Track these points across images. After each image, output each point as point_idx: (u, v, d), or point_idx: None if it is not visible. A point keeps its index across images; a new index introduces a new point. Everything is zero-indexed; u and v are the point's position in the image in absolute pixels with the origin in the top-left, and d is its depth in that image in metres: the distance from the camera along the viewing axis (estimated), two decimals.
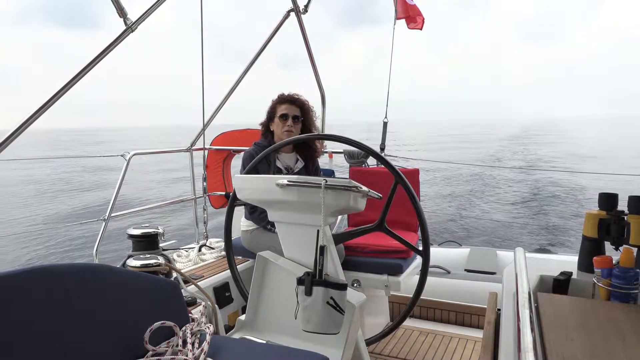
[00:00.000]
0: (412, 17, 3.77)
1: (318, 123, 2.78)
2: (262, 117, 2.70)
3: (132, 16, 2.09)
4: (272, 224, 2.46)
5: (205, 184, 3.29)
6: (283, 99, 2.62)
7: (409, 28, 3.83)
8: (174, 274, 1.91)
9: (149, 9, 2.17)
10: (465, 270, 3.10)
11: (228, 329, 2.00)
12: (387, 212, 1.90)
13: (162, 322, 1.31)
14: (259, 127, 2.73)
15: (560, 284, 1.53)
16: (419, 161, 3.79)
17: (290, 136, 2.54)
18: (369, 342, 2.09)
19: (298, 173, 2.63)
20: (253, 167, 2.12)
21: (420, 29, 3.86)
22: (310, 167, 2.71)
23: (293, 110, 2.59)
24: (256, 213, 2.53)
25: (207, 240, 2.96)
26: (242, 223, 2.64)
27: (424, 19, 3.80)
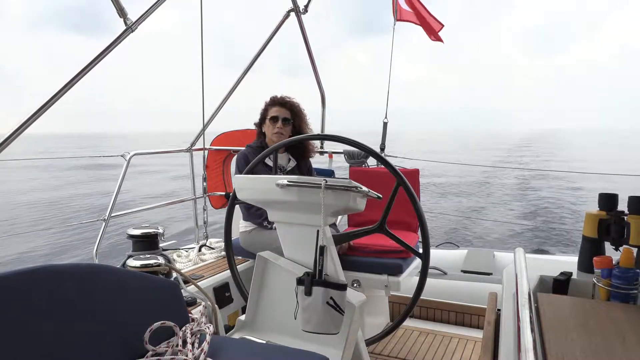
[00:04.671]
0: (432, 29, 3.69)
1: (318, 123, 2.79)
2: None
3: (132, 16, 2.09)
4: (270, 223, 2.46)
5: (205, 184, 3.29)
6: (274, 102, 2.66)
7: (432, 40, 3.76)
8: (174, 274, 1.91)
9: (149, 9, 2.17)
10: (462, 271, 3.10)
11: (228, 329, 2.00)
12: (387, 214, 1.90)
13: (162, 322, 1.30)
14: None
15: (560, 284, 1.53)
16: (419, 161, 3.79)
17: (280, 138, 2.58)
18: (369, 342, 2.09)
19: (291, 172, 2.66)
20: (252, 167, 2.12)
21: (442, 42, 3.78)
22: (303, 166, 2.74)
23: (283, 113, 2.63)
24: (252, 210, 2.53)
25: (207, 240, 2.96)
26: (240, 224, 2.64)
27: (443, 26, 3.71)
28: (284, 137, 2.60)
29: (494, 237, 9.97)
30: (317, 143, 2.92)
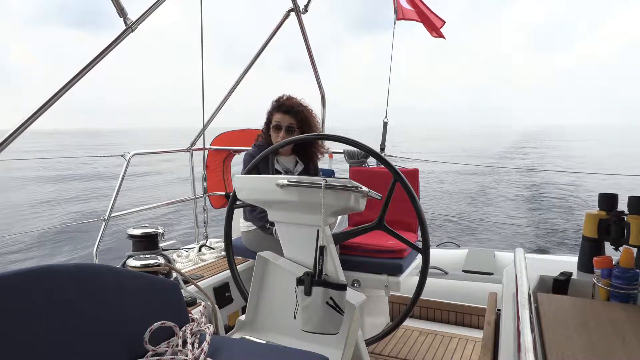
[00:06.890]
0: (434, 26, 3.68)
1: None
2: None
3: (132, 16, 2.09)
4: (272, 224, 2.46)
5: (205, 184, 3.29)
6: (278, 107, 2.50)
7: (433, 37, 3.75)
8: (174, 274, 1.91)
9: (149, 9, 2.17)
10: (463, 271, 3.10)
11: (228, 329, 2.00)
12: (386, 210, 1.90)
13: (162, 322, 1.31)
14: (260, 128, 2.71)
15: (560, 284, 1.53)
16: (419, 161, 3.78)
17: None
18: (369, 342, 2.09)
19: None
20: (253, 167, 2.12)
21: (445, 38, 3.76)
22: (311, 168, 2.67)
23: (287, 120, 2.47)
24: (256, 212, 2.51)
25: (207, 240, 2.96)
26: (241, 224, 2.64)
27: (444, 22, 3.70)
28: (287, 147, 2.50)
29: (495, 237, 9.97)
30: (326, 143, 2.87)
